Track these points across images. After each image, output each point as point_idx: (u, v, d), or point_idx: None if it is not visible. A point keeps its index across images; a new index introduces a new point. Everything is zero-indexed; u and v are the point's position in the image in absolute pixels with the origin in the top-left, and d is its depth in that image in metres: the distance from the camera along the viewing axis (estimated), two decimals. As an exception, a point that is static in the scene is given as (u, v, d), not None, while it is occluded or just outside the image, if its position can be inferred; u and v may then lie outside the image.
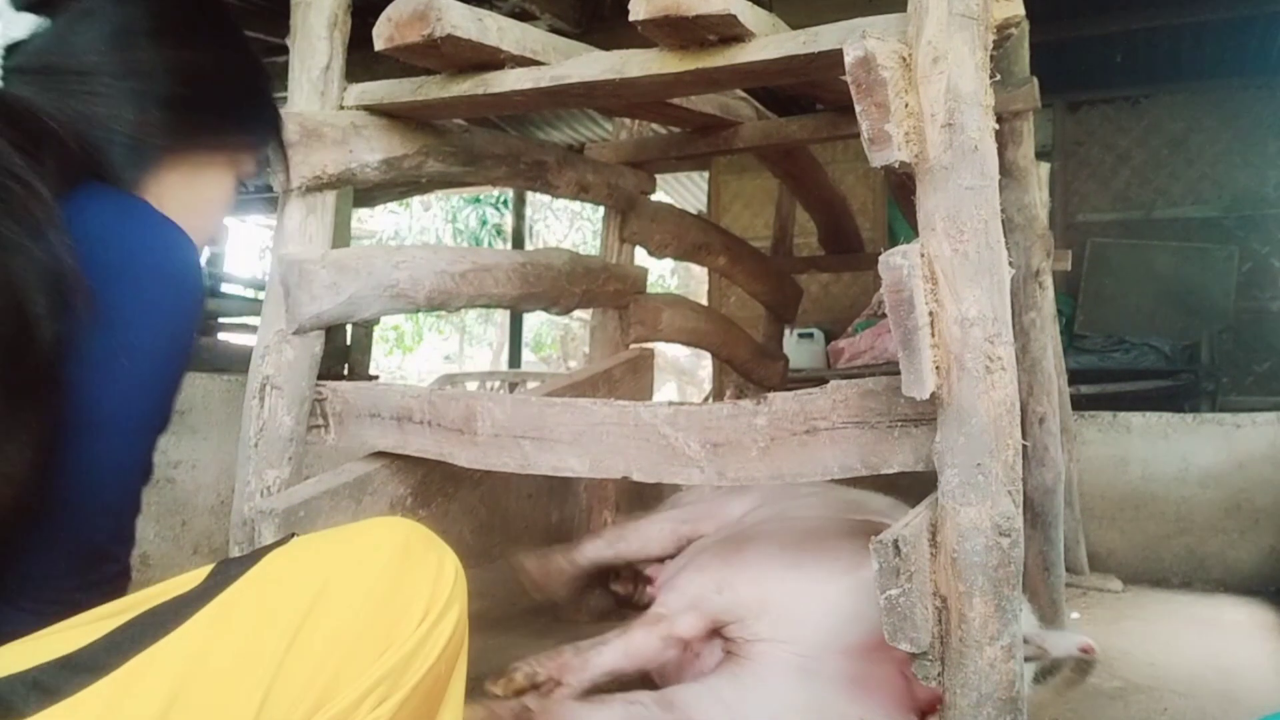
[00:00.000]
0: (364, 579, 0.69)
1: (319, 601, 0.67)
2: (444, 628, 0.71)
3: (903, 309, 0.99)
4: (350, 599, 0.68)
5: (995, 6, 1.05)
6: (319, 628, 0.66)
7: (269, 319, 1.38)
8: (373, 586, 0.69)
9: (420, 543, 0.74)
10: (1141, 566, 2.77)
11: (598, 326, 2.18)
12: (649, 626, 1.42)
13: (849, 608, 1.33)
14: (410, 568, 0.72)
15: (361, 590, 0.69)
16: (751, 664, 1.40)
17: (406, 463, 1.43)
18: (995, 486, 0.97)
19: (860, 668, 1.34)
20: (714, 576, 1.44)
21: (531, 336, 14.27)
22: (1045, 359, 1.94)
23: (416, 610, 0.70)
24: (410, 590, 0.71)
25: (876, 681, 1.33)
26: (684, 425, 1.18)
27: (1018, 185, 1.90)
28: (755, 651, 1.39)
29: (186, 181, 0.93)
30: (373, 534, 0.74)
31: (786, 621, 1.37)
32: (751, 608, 1.40)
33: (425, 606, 0.71)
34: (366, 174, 1.43)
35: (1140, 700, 1.65)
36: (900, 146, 1.00)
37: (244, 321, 5.31)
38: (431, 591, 0.71)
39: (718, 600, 1.41)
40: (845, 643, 1.34)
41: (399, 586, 0.70)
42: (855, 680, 1.34)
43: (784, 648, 1.38)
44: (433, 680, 0.71)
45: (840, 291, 5.73)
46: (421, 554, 0.73)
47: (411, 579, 0.71)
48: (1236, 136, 5.40)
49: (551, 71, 1.31)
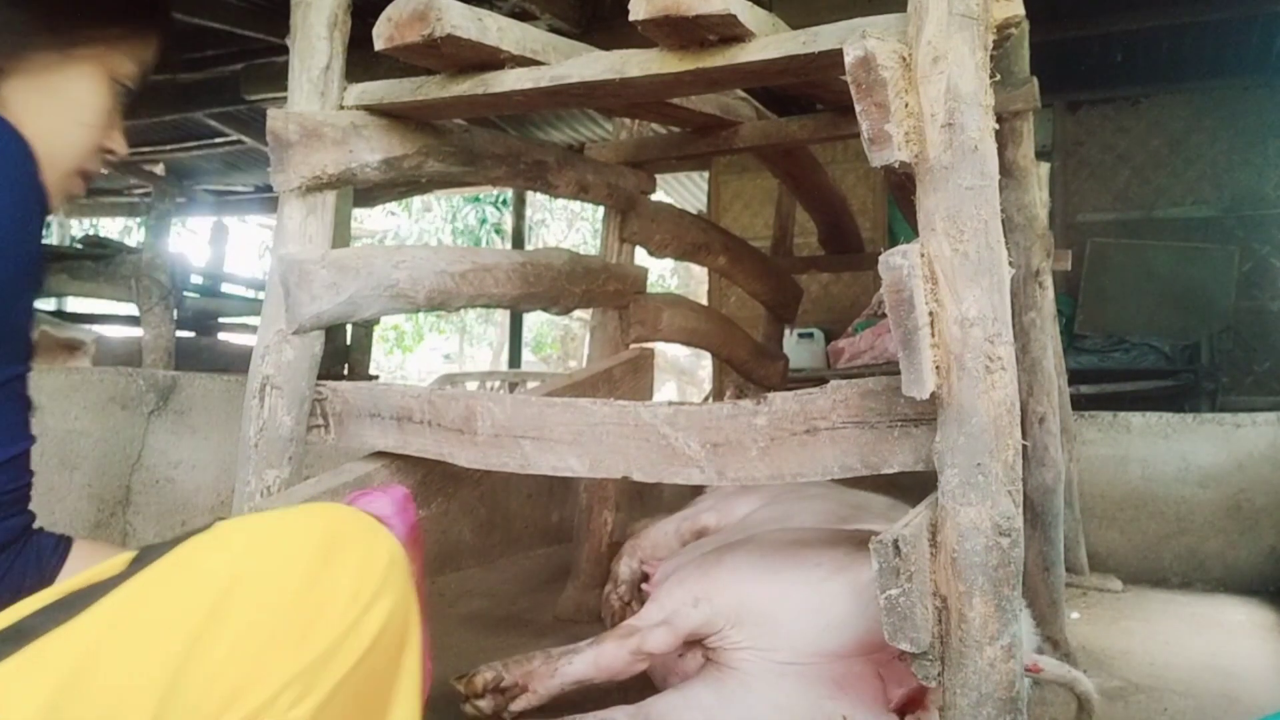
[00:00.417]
0: (282, 567, 0.65)
1: (232, 590, 0.63)
2: (373, 618, 0.67)
3: (903, 309, 0.99)
4: (265, 588, 0.64)
5: (995, 6, 1.05)
6: (230, 618, 0.62)
7: (269, 319, 1.38)
8: (290, 575, 0.65)
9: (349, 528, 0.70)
10: (1141, 566, 2.77)
11: (598, 326, 2.18)
12: (621, 639, 1.42)
13: (827, 612, 1.33)
14: (334, 555, 0.67)
15: (278, 579, 0.64)
16: (732, 670, 1.40)
17: (406, 463, 1.43)
18: (995, 486, 0.97)
19: (838, 669, 1.35)
20: (692, 590, 1.44)
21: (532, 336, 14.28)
22: (1045, 359, 1.94)
23: (342, 598, 0.66)
24: (333, 579, 0.66)
25: (854, 682, 1.33)
26: (684, 425, 1.18)
27: (1018, 185, 1.90)
28: (735, 659, 1.40)
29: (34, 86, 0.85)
30: (297, 519, 0.70)
31: (764, 628, 1.37)
32: (729, 618, 1.40)
33: (351, 596, 0.66)
34: (366, 174, 1.43)
35: (1140, 700, 1.65)
36: (900, 146, 1.00)
37: (244, 321, 5.31)
38: (358, 580, 0.67)
39: (694, 615, 1.41)
40: (823, 647, 1.35)
41: (320, 575, 0.66)
42: (834, 681, 1.34)
43: (763, 654, 1.38)
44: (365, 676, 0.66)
45: (840, 291, 5.73)
46: (348, 540, 0.69)
47: (335, 567, 0.66)
48: (1236, 136, 5.40)
49: (551, 71, 1.31)
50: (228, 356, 4.72)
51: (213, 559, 0.65)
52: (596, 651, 1.42)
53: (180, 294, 4.19)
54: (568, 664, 1.41)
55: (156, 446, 2.22)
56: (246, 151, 7.34)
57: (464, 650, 1.88)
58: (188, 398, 2.28)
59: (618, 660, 1.40)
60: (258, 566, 0.65)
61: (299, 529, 0.68)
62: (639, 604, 1.98)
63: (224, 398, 2.31)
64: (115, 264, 3.98)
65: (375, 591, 0.68)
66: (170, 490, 2.23)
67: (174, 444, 2.25)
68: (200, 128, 6.78)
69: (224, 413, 2.29)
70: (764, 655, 1.38)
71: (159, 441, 2.22)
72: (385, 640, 0.68)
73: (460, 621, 2.12)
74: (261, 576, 0.64)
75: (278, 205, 1.40)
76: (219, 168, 8.12)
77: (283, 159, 1.34)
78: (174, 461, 2.25)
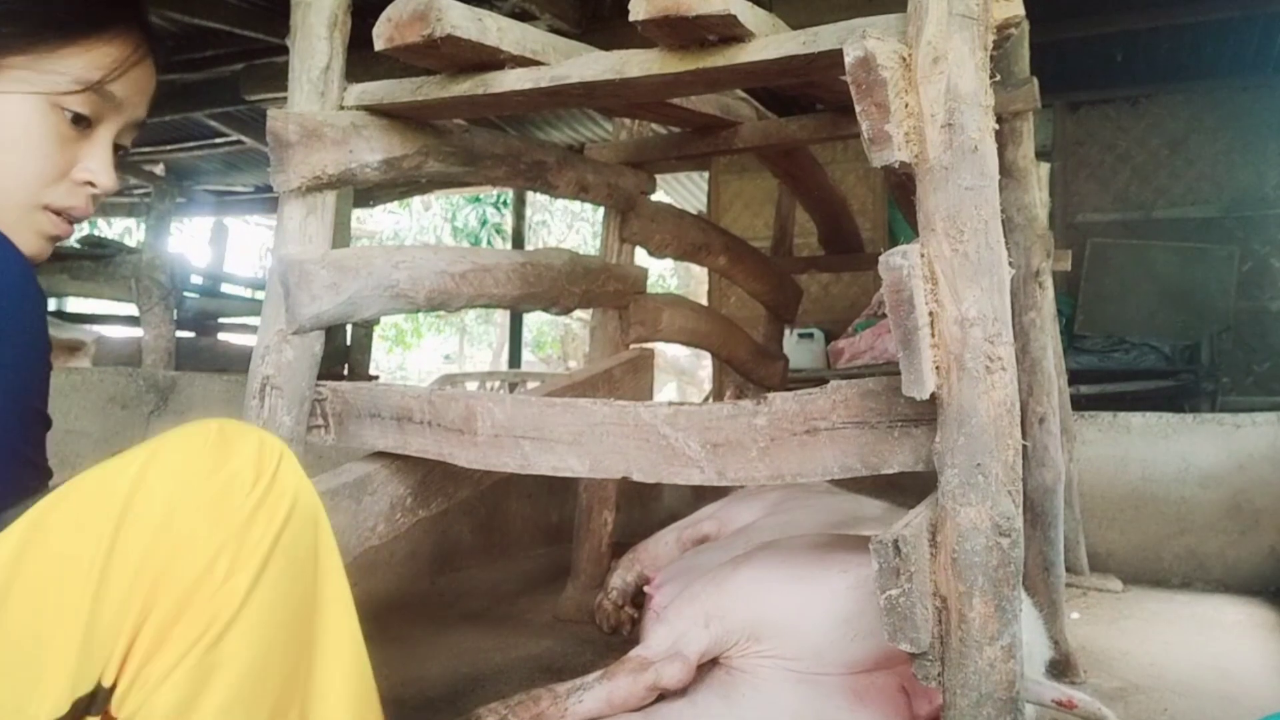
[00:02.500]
0: (182, 461, 0.69)
1: (139, 486, 0.67)
2: (279, 494, 0.71)
3: (903, 309, 0.99)
4: (170, 481, 0.68)
5: (995, 6, 1.05)
6: (144, 509, 0.66)
7: (269, 319, 1.38)
8: (192, 465, 0.69)
9: (235, 429, 0.74)
10: (1141, 566, 2.77)
11: (598, 326, 2.18)
12: (634, 675, 1.38)
13: (853, 623, 1.31)
14: (227, 446, 0.71)
15: (180, 470, 0.68)
16: (746, 677, 1.38)
17: (406, 463, 1.43)
18: (995, 486, 0.97)
19: (859, 681, 1.33)
20: (704, 606, 1.41)
21: (532, 336, 14.28)
22: (1045, 359, 1.94)
23: (244, 480, 0.70)
24: (233, 465, 0.70)
25: (874, 695, 1.31)
26: (684, 425, 1.18)
27: (1018, 185, 1.90)
28: (749, 666, 1.38)
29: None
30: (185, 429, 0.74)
31: (786, 639, 1.35)
32: (744, 633, 1.38)
33: (254, 477, 0.70)
34: (366, 174, 1.43)
35: (1140, 700, 1.65)
36: (900, 147, 1.00)
37: (244, 321, 5.31)
38: (256, 464, 0.71)
39: (704, 636, 1.39)
40: (847, 657, 1.33)
41: (220, 464, 0.70)
42: (854, 693, 1.32)
43: (782, 664, 1.36)
44: (290, 548, 0.70)
45: (840, 291, 5.73)
46: (238, 435, 0.73)
47: (232, 455, 0.71)
48: (1236, 136, 5.40)
49: (551, 72, 1.31)
50: (228, 356, 4.72)
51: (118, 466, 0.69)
52: (609, 688, 1.37)
53: (180, 294, 4.19)
54: (578, 703, 1.36)
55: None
56: (246, 151, 7.34)
57: (464, 650, 1.88)
58: (188, 398, 2.28)
59: (632, 697, 1.37)
60: (162, 460, 0.69)
61: (191, 433, 0.72)
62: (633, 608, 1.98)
63: (224, 398, 2.31)
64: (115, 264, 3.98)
65: (274, 473, 0.71)
66: (170, 490, 2.23)
67: (174, 444, 2.25)
68: (200, 128, 6.78)
69: (224, 413, 2.27)
70: (783, 665, 1.36)
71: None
72: (298, 517, 0.71)
73: (460, 621, 2.12)
74: (166, 473, 0.68)
75: (278, 205, 1.40)
76: (219, 168, 8.12)
77: (283, 159, 1.34)
78: (174, 461, 2.24)
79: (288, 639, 0.70)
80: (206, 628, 0.65)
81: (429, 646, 1.89)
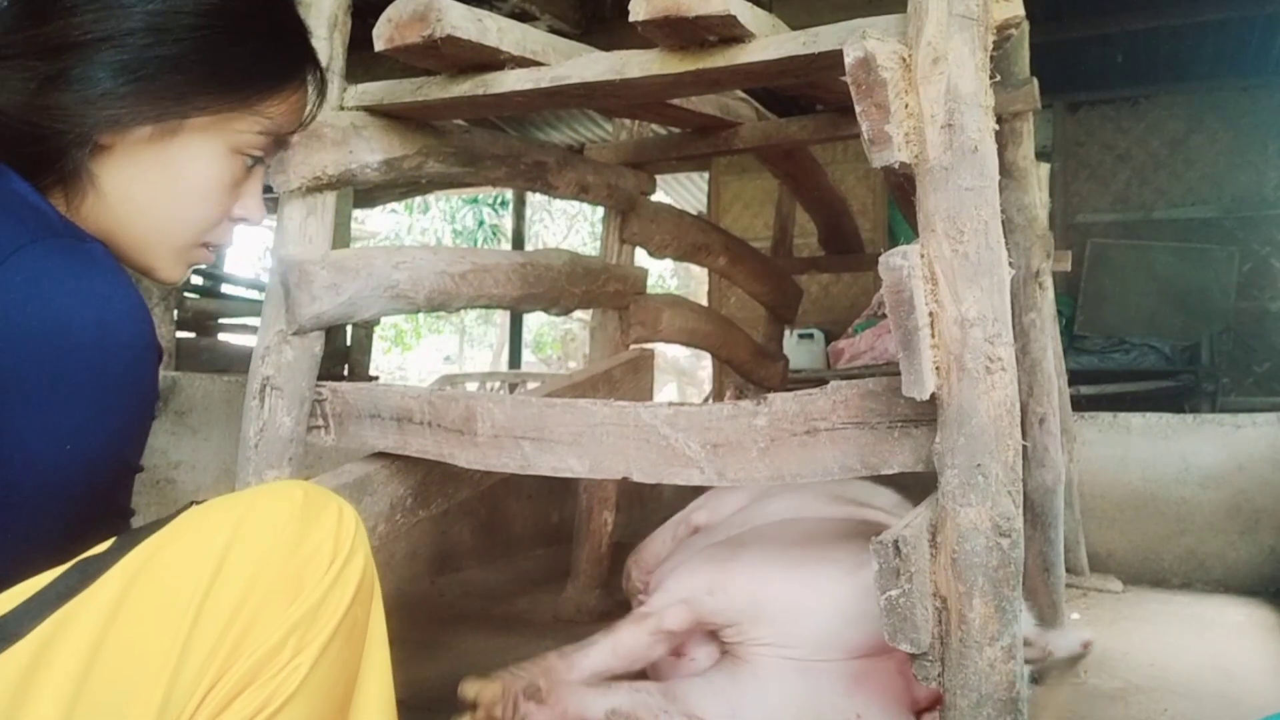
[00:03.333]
0: (270, 530, 0.71)
1: (229, 553, 0.68)
2: (351, 571, 0.73)
3: (903, 309, 0.99)
4: (258, 549, 0.70)
5: (995, 7, 1.05)
6: (231, 578, 0.68)
7: (269, 319, 1.38)
8: (278, 537, 0.71)
9: (318, 496, 0.76)
10: (1141, 567, 2.77)
11: (598, 327, 2.18)
12: (637, 623, 1.39)
13: (848, 611, 1.32)
14: (312, 518, 0.73)
15: (268, 541, 0.70)
16: (750, 664, 1.39)
17: (406, 463, 1.43)
18: (995, 487, 0.97)
19: (859, 667, 1.34)
20: (706, 578, 1.41)
21: (532, 337, 14.28)
22: (1045, 359, 1.94)
23: (323, 557, 0.72)
24: (315, 539, 0.72)
25: (873, 680, 1.32)
26: (684, 426, 1.18)
27: (1018, 186, 1.90)
28: (753, 653, 1.39)
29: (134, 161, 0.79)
30: (272, 492, 0.76)
31: (784, 626, 1.35)
32: (746, 611, 1.38)
33: (331, 553, 0.72)
34: (366, 174, 1.43)
35: (1140, 700, 1.65)
36: (900, 147, 1.00)
37: (244, 322, 5.32)
38: (335, 538, 0.73)
39: (709, 601, 1.39)
40: (844, 645, 1.34)
41: (303, 536, 0.72)
42: (852, 678, 1.33)
43: (782, 650, 1.37)
44: (350, 625, 0.73)
45: (840, 292, 5.74)
46: (321, 506, 0.75)
47: (314, 528, 0.73)
48: (1236, 136, 5.41)
49: (551, 72, 1.31)
50: (228, 357, 4.72)
51: (209, 526, 0.71)
52: (614, 638, 1.39)
53: (180, 294, 4.19)
54: (585, 656, 1.38)
55: (156, 447, 2.22)
56: (246, 152, 7.33)
57: (464, 650, 1.88)
58: (188, 398, 2.28)
59: (637, 643, 1.37)
60: (251, 529, 0.70)
61: (279, 499, 0.74)
62: None
63: (224, 398, 2.31)
64: (115, 264, 3.97)
65: (351, 546, 0.74)
66: (170, 491, 2.23)
67: (174, 444, 2.25)
68: (200, 128, 6.77)
69: (224, 413, 2.28)
70: (783, 651, 1.36)
71: (159, 442, 2.22)
72: (363, 592, 0.75)
73: (460, 621, 2.12)
74: (256, 537, 0.70)
75: (278, 206, 1.40)
76: (219, 168, 8.11)
77: (282, 159, 1.34)
78: (174, 462, 2.25)
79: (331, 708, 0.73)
80: (267, 702, 0.67)
81: (429, 647, 1.89)
